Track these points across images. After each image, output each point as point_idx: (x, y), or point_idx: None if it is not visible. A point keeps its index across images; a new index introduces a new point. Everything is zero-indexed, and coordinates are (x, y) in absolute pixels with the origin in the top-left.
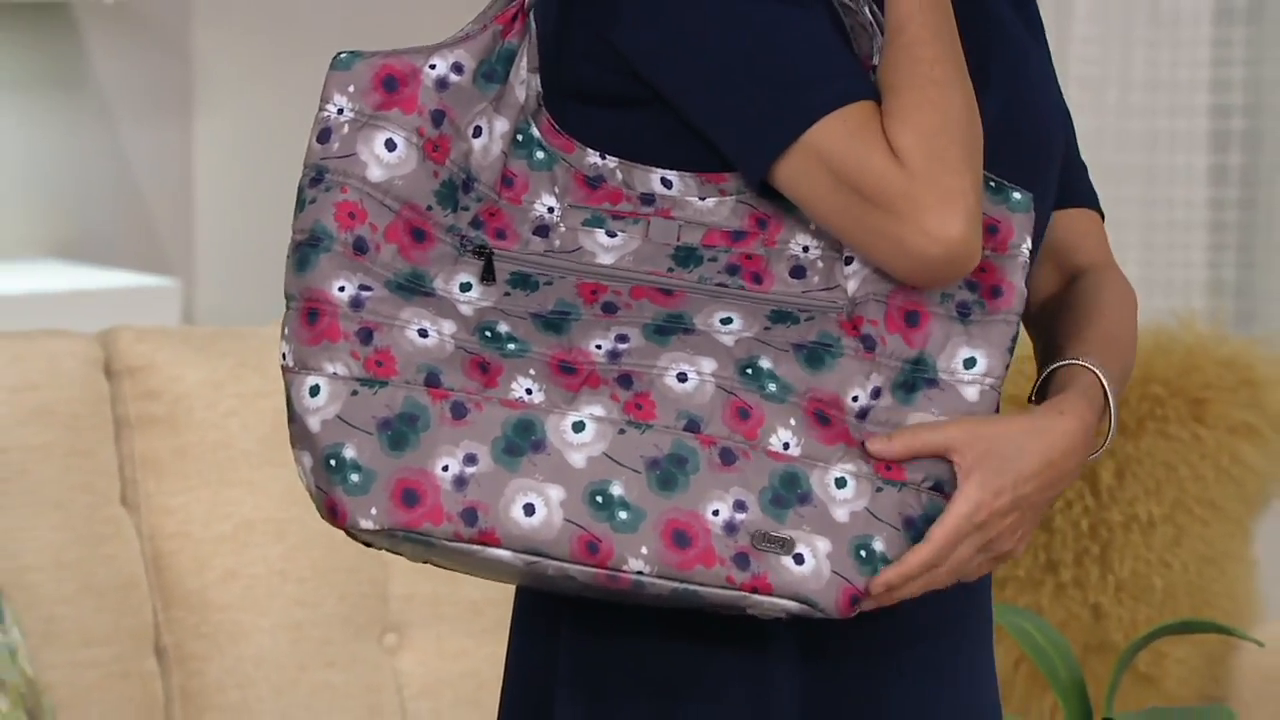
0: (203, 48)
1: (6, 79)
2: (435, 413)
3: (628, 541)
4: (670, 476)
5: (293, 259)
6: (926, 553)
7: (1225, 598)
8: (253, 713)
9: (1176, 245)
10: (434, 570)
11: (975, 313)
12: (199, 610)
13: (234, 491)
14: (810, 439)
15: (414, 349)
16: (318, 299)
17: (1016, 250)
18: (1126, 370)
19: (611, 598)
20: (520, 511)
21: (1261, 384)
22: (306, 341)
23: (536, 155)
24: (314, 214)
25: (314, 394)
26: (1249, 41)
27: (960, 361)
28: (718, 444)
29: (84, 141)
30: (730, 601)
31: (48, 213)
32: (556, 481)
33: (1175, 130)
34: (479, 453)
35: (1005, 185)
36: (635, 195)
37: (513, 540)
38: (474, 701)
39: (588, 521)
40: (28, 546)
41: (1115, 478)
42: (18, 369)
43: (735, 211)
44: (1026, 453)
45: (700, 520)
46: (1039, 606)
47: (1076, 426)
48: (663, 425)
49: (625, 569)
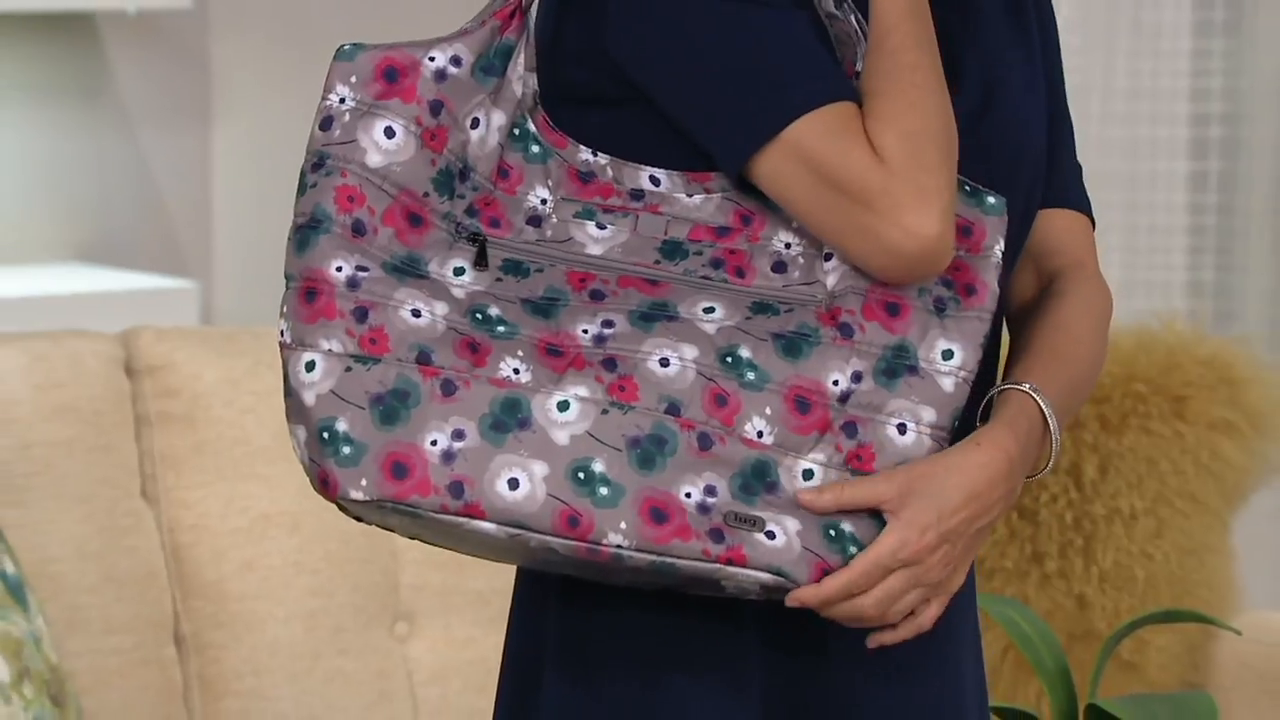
0: (220, 58)
1: (32, 88)
2: (426, 389)
3: (608, 516)
4: (649, 456)
5: (293, 240)
6: (844, 579)
7: (1205, 588)
8: (268, 698)
9: (1157, 249)
10: (443, 562)
11: (951, 308)
12: (217, 600)
13: (250, 486)
14: (784, 428)
15: (407, 328)
16: (316, 278)
17: (989, 251)
18: (1076, 384)
19: (594, 575)
20: (505, 486)
21: (1240, 382)
22: (304, 319)
23: (532, 149)
24: (315, 197)
25: (309, 369)
26: (1227, 53)
27: (939, 353)
28: (696, 429)
29: (106, 148)
30: (707, 574)
31: (71, 217)
32: (540, 457)
33: (1156, 138)
34: (467, 429)
35: (980, 189)
36: (625, 191)
37: (497, 513)
38: (481, 688)
39: (570, 496)
40: (52, 538)
41: (1099, 472)
42: (42, 368)
43: (720, 208)
44: (949, 488)
45: (675, 500)
46: (1025, 596)
47: (993, 457)
48: (644, 407)
49: (605, 543)
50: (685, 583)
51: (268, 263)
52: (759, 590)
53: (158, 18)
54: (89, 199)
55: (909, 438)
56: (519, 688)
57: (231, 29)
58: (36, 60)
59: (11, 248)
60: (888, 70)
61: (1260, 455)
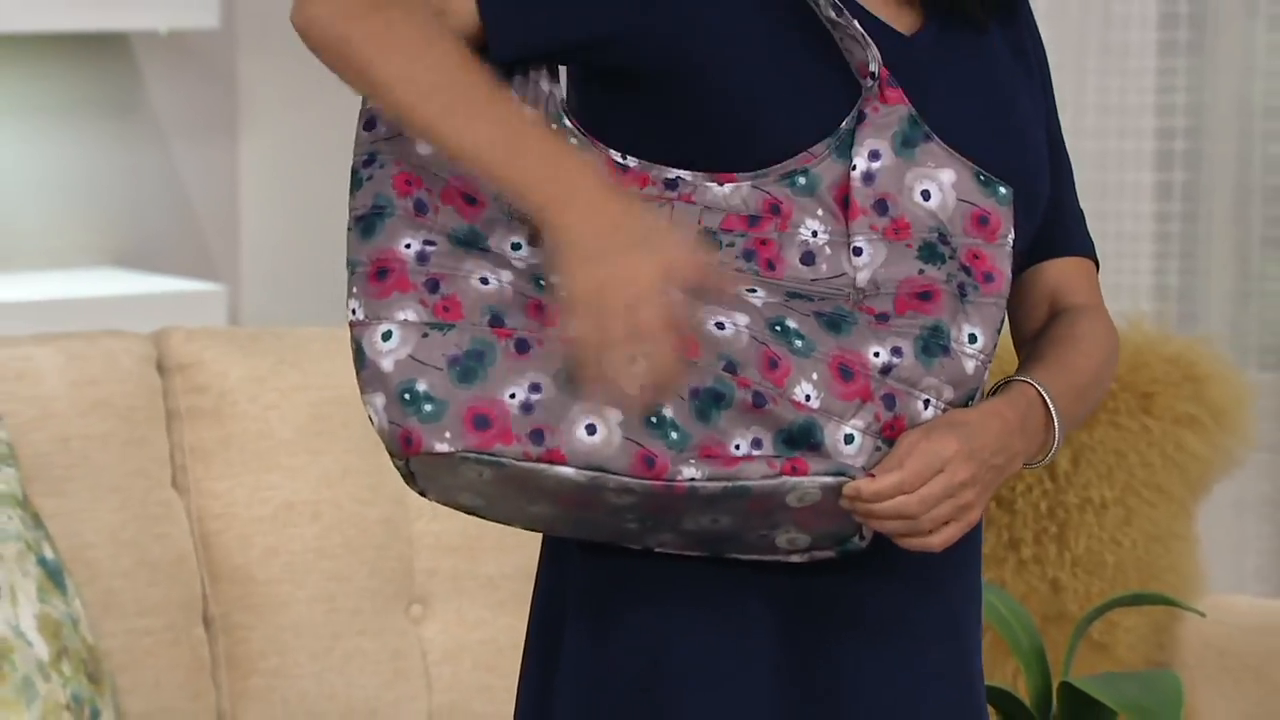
0: (246, 75)
1: (70, 104)
2: (501, 349)
3: (678, 457)
4: (707, 409)
5: (356, 229)
6: (897, 476)
7: (1170, 572)
8: (291, 676)
9: (1125, 254)
10: (455, 548)
11: (972, 294)
12: (243, 584)
13: (274, 477)
14: (829, 393)
15: (478, 294)
16: (386, 258)
17: (1004, 240)
18: (1081, 391)
19: (633, 539)
20: (583, 431)
21: (1203, 379)
22: (376, 295)
23: (571, 140)
24: (373, 188)
25: (386, 339)
26: (1190, 71)
27: (966, 335)
28: (751, 387)
29: (139, 160)
30: (773, 489)
31: (106, 224)
32: (614, 405)
33: (1124, 150)
34: (542, 382)
35: (992, 179)
36: (659, 180)
37: (577, 457)
38: (490, 666)
39: (645, 439)
40: (88, 526)
41: (1071, 464)
42: (79, 366)
43: (749, 197)
44: (988, 431)
45: (729, 447)
46: (1002, 580)
47: (995, 417)
48: (705, 363)
49: (680, 479)
50: (748, 516)
51: (292, 267)
52: (819, 494)
53: (187, 37)
54: (123, 207)
55: (930, 412)
56: (543, 636)
57: (257, 48)
58: (74, 78)
59: (51, 253)
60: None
61: (1222, 448)
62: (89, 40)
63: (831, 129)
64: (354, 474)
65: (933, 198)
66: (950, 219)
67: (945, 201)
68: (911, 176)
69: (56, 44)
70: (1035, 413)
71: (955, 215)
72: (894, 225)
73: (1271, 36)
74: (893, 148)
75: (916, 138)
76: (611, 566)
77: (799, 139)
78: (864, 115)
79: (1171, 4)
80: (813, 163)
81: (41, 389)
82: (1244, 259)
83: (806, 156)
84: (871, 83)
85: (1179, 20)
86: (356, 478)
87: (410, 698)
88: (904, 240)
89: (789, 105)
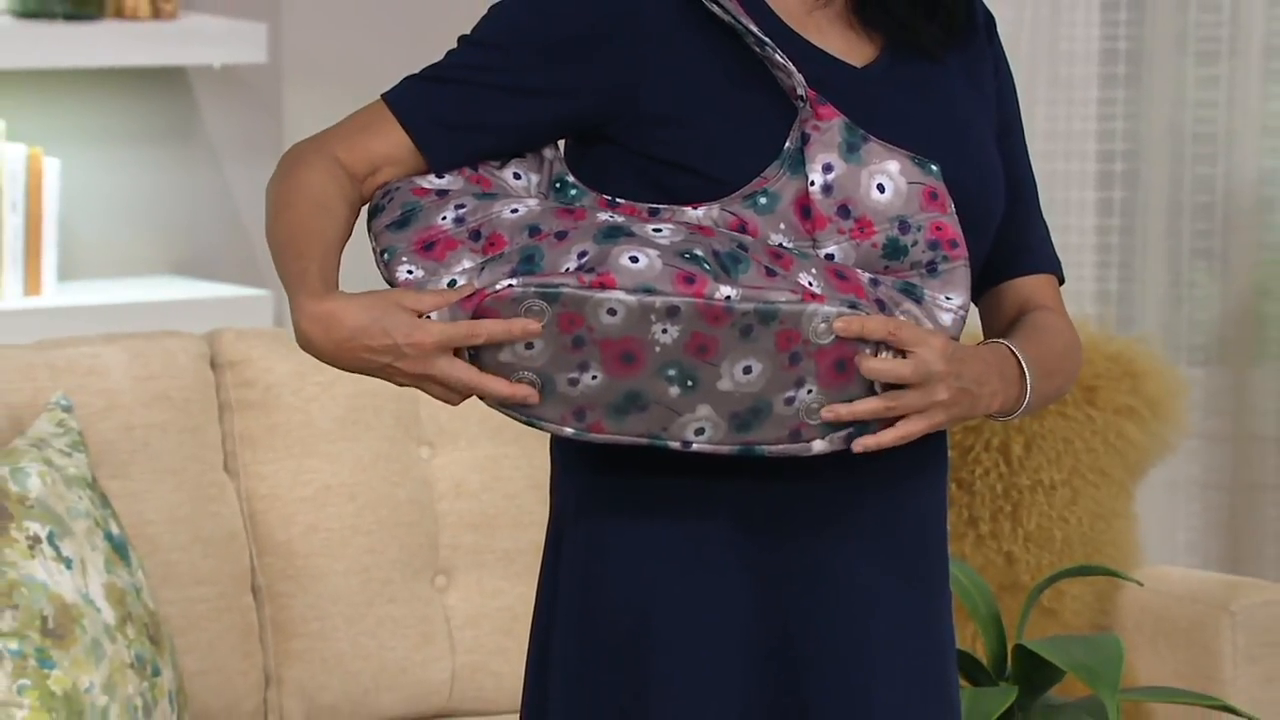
0: (291, 105)
1: (133, 132)
2: (545, 245)
3: (714, 281)
4: (728, 266)
5: (390, 228)
6: (892, 324)
7: (1112, 547)
8: (329, 639)
9: (1070, 264)
10: (476, 525)
11: (942, 265)
12: (286, 557)
13: (315, 461)
14: (829, 286)
15: (513, 221)
16: (429, 234)
17: (952, 210)
18: (1045, 368)
19: (695, 386)
20: (628, 260)
21: (1140, 375)
22: (431, 258)
23: (570, 193)
24: (399, 200)
25: (452, 285)
26: (1128, 101)
27: (942, 296)
28: (763, 263)
29: (195, 180)
30: (798, 313)
31: (166, 237)
32: (650, 246)
33: (1069, 171)
34: (587, 247)
35: (924, 160)
36: (644, 210)
37: (626, 277)
38: (507, 631)
39: (681, 265)
40: (149, 505)
41: (1024, 450)
42: (141, 362)
43: (719, 218)
44: (973, 356)
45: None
46: (962, 554)
47: (982, 354)
48: (724, 236)
49: (718, 296)
50: (775, 358)
51: None
52: (833, 336)
53: (239, 71)
54: (181, 222)
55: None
56: (548, 550)
57: (300, 81)
58: (138, 108)
59: (117, 263)
60: None
61: (1158, 436)
62: (150, 74)
63: (779, 151)
64: (386, 459)
65: (887, 189)
66: (907, 202)
67: (899, 188)
68: (865, 176)
69: (123, 78)
70: (1010, 366)
71: (911, 196)
72: (858, 225)
73: (1200, 71)
74: (841, 156)
75: (857, 142)
76: (609, 484)
77: (752, 164)
78: (808, 135)
79: (1112, 41)
80: (768, 184)
81: (108, 383)
82: (1176, 268)
83: (760, 180)
84: (803, 105)
85: (1118, 56)
86: (388, 463)
87: (436, 658)
88: (869, 239)
89: (736, 137)
